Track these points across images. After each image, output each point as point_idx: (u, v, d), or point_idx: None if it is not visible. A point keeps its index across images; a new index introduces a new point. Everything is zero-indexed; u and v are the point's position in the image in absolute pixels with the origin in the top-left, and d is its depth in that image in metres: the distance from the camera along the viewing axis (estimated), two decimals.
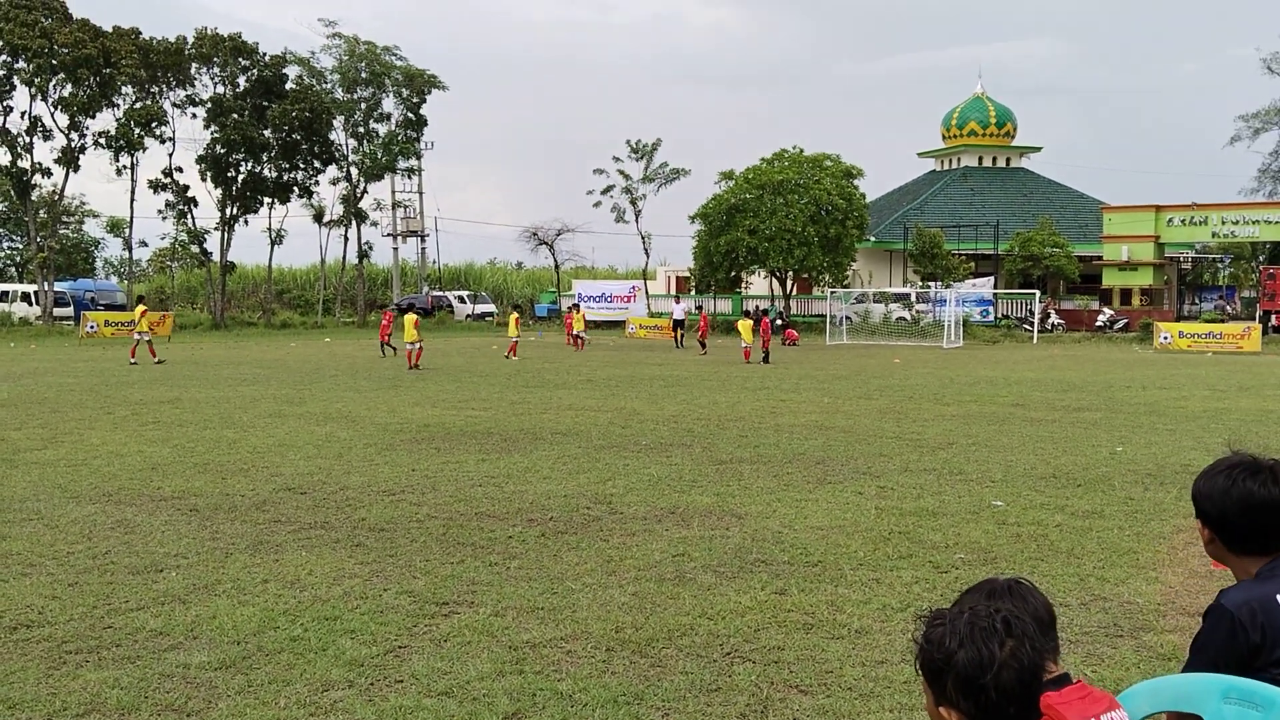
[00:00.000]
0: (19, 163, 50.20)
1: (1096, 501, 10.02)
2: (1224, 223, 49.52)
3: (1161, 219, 50.52)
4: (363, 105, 59.23)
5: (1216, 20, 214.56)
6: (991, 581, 2.41)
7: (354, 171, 59.46)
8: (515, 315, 36.74)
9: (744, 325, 32.81)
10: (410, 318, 29.37)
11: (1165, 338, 40.64)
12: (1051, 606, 2.42)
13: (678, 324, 42.18)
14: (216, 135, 53.29)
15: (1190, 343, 40.09)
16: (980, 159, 66.41)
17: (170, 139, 53.17)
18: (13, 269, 72.88)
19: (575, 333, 39.31)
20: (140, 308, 31.24)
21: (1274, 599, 2.59)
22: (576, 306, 43.28)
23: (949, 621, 2.11)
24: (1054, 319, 49.55)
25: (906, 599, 6.84)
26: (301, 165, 57.05)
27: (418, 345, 28.50)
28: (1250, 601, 2.59)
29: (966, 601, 2.29)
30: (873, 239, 56.26)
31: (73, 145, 50.61)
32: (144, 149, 52.53)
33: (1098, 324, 48.83)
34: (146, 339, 29.62)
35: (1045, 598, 2.41)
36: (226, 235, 55.72)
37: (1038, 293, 49.59)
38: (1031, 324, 47.55)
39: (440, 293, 66.81)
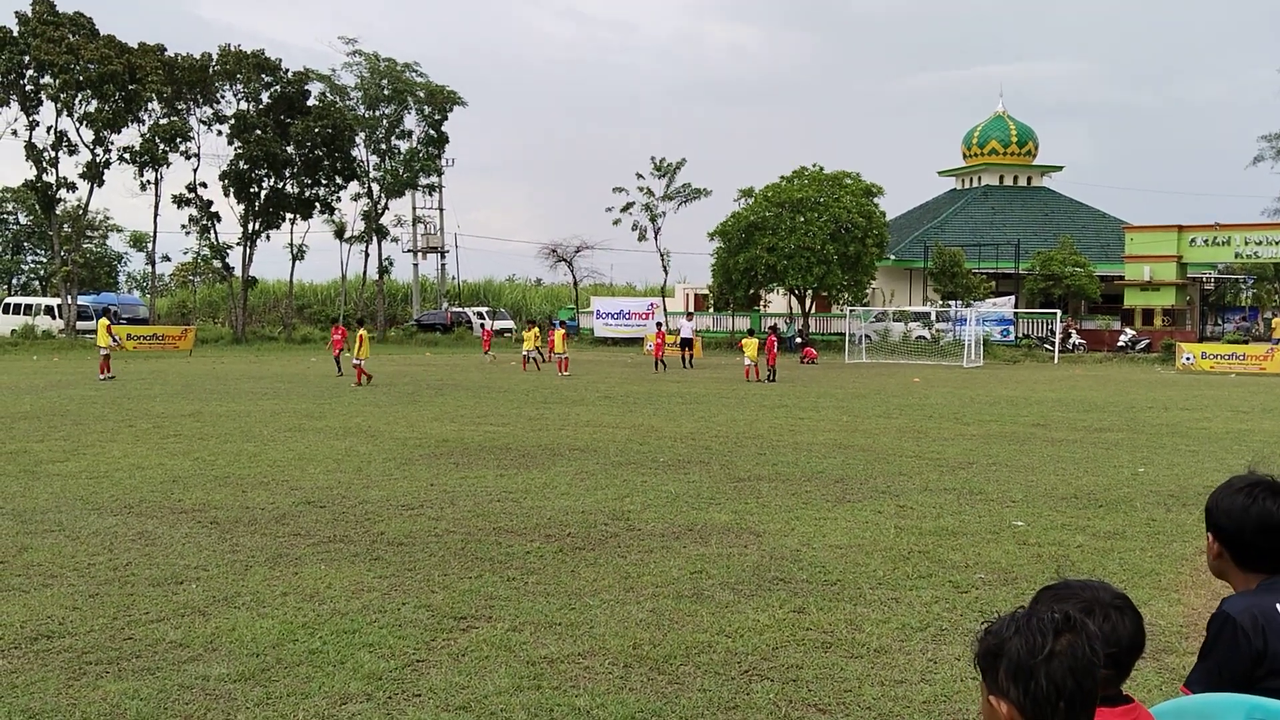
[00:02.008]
0: (44, 177, 50.65)
1: (1118, 523, 9.95)
2: (1247, 243, 49.19)
3: (1184, 239, 50.24)
4: (384, 122, 59.57)
5: (1239, 41, 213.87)
6: (1101, 591, 2.49)
7: (375, 188, 59.76)
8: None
9: (749, 343, 32.71)
10: (363, 333, 28.58)
11: (1188, 358, 40.39)
12: (1141, 634, 2.46)
13: (685, 343, 41.23)
14: (240, 151, 53.67)
15: (1213, 364, 39.82)
16: (1001, 178, 66.27)
17: (194, 155, 53.61)
18: (37, 282, 73.52)
19: (557, 353, 35.55)
20: (105, 321, 30.39)
21: (1274, 608, 2.61)
22: (562, 324, 42.85)
23: (1012, 613, 2.13)
24: (1075, 339, 49.27)
25: (926, 618, 6.80)
26: (323, 181, 57.37)
27: (360, 361, 27.73)
28: (1252, 609, 2.61)
29: (1051, 602, 2.40)
30: (893, 257, 56.17)
31: (98, 160, 51.05)
32: (168, 164, 52.98)
33: (1119, 344, 48.52)
34: (105, 353, 28.74)
35: (1138, 623, 2.45)
36: (248, 250, 56.05)
37: (1059, 312, 49.36)
38: (1052, 344, 47.33)
39: (459, 309, 66.99)
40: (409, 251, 70.79)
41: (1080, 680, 2.02)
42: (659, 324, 42.35)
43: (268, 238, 57.14)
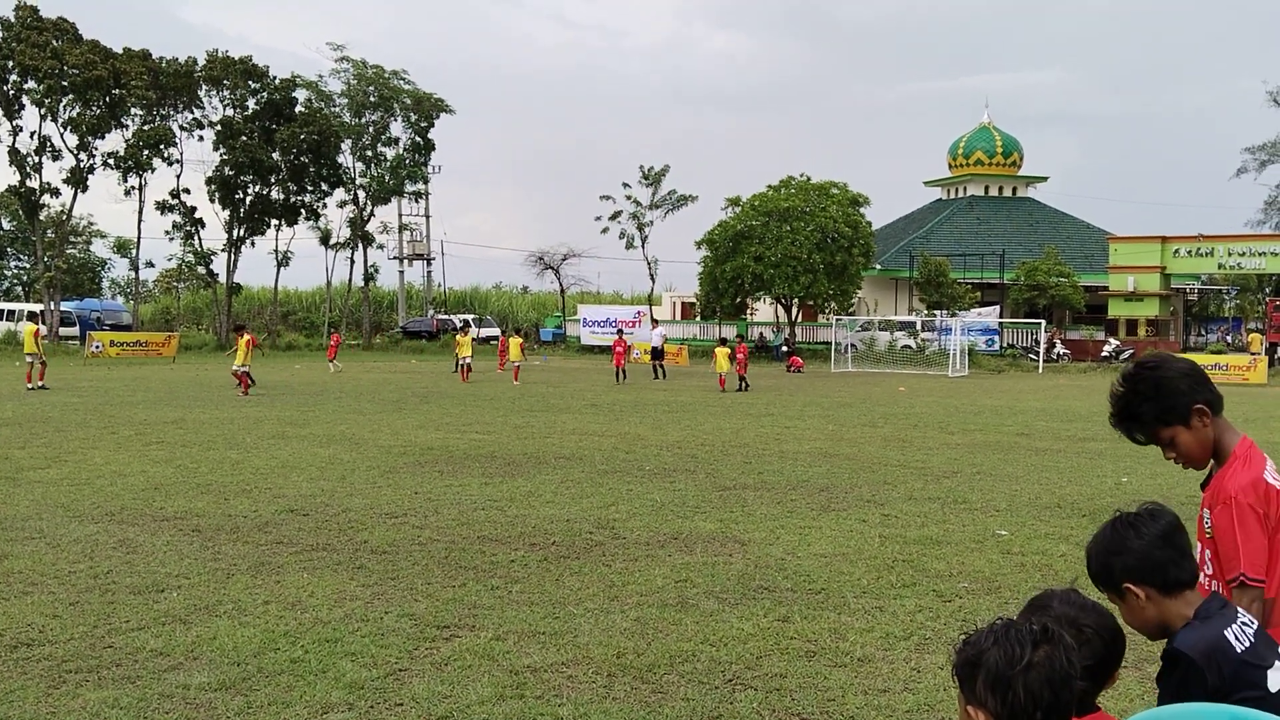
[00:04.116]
0: (28, 182, 50.45)
1: None
2: (1230, 254, 49.53)
3: (1168, 250, 50.54)
4: (371, 129, 59.52)
5: (1224, 53, 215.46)
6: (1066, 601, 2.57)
7: (361, 194, 59.70)
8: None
9: (720, 353, 32.08)
10: (248, 337, 27.14)
11: None
12: (1119, 647, 2.56)
13: (656, 352, 39.19)
14: (225, 157, 53.55)
15: None
16: (986, 188, 66.56)
17: (178, 160, 53.48)
18: (20, 288, 73.12)
19: (512, 361, 34.19)
20: (32, 327, 28.41)
21: (1223, 636, 2.62)
22: (517, 331, 41.92)
23: (991, 624, 2.16)
24: (1059, 349, 49.46)
25: (909, 627, 6.81)
26: (309, 188, 57.28)
27: (244, 369, 26.34)
28: (1202, 643, 2.61)
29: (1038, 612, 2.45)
30: (878, 267, 56.33)
31: (81, 165, 50.86)
32: (152, 170, 52.84)
33: (1103, 354, 48.73)
34: (31, 360, 27.04)
35: (1116, 637, 2.53)
36: (233, 257, 55.91)
37: (1043, 322, 49.55)
38: (1037, 354, 47.51)
39: (446, 316, 66.92)
40: (395, 258, 70.73)
41: (1057, 692, 2.04)
42: (619, 331, 40.02)
43: (252, 244, 57.04)
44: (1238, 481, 3.18)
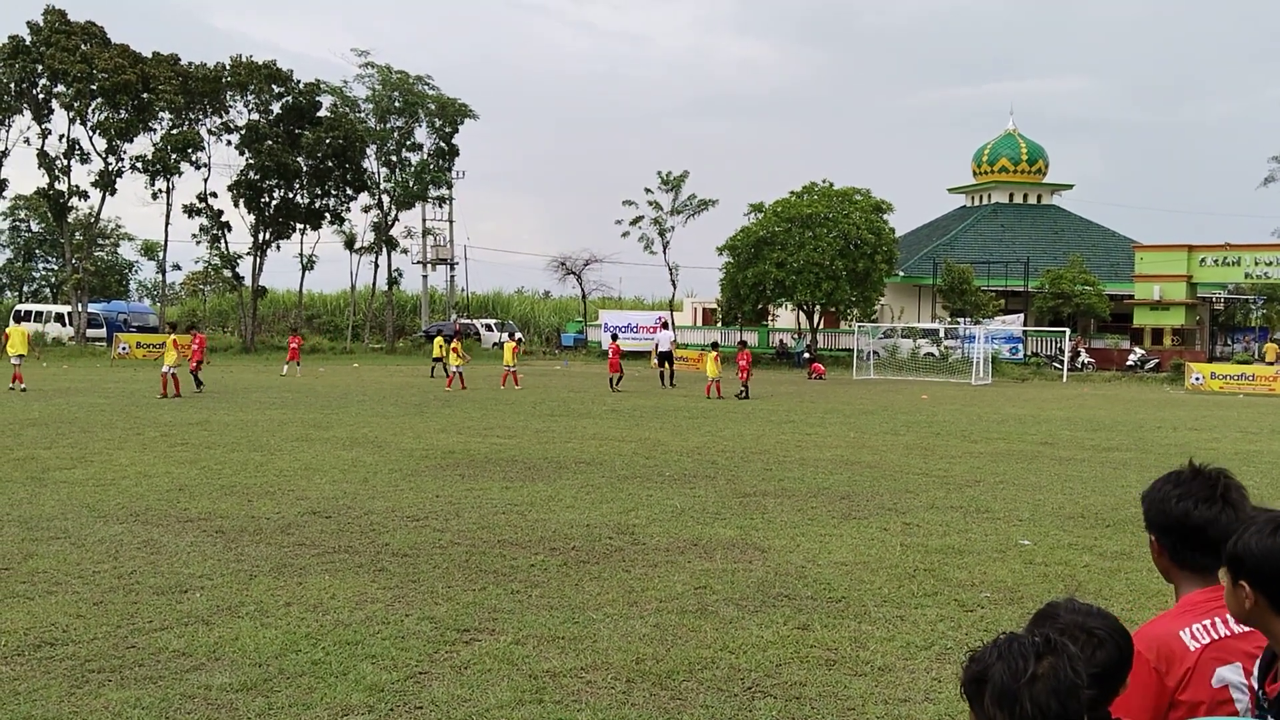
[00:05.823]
0: (56, 185, 50.90)
1: (1125, 543, 9.90)
2: (1257, 264, 49.11)
3: (1194, 259, 50.16)
4: (395, 134, 59.74)
5: (1251, 62, 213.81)
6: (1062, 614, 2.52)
7: (385, 199, 59.92)
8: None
9: (709, 358, 30.85)
10: (174, 338, 26.39)
11: (1197, 378, 40.27)
12: (1126, 657, 2.48)
13: (664, 357, 35.93)
14: (250, 161, 53.86)
15: (1222, 384, 39.70)
16: (1011, 195, 66.24)
17: (205, 164, 53.84)
18: (48, 290, 73.79)
19: (506, 365, 33.03)
20: (23, 330, 27.88)
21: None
22: (512, 334, 40.68)
23: (994, 639, 2.17)
24: (1084, 357, 49.15)
25: (931, 637, 6.78)
26: (333, 192, 57.52)
27: (172, 370, 25.59)
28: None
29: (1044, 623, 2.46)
30: (901, 274, 56.13)
31: (110, 169, 51.28)
32: (179, 174, 53.18)
33: (1128, 363, 48.40)
34: (15, 362, 26.73)
35: (1123, 648, 2.47)
36: (258, 260, 56.22)
37: (1068, 331, 49.26)
38: (1061, 362, 47.23)
39: (468, 320, 67.09)
40: (418, 263, 70.93)
41: (1064, 702, 2.05)
42: (614, 335, 36.98)
43: (278, 248, 57.30)
44: (1146, 630, 2.77)
